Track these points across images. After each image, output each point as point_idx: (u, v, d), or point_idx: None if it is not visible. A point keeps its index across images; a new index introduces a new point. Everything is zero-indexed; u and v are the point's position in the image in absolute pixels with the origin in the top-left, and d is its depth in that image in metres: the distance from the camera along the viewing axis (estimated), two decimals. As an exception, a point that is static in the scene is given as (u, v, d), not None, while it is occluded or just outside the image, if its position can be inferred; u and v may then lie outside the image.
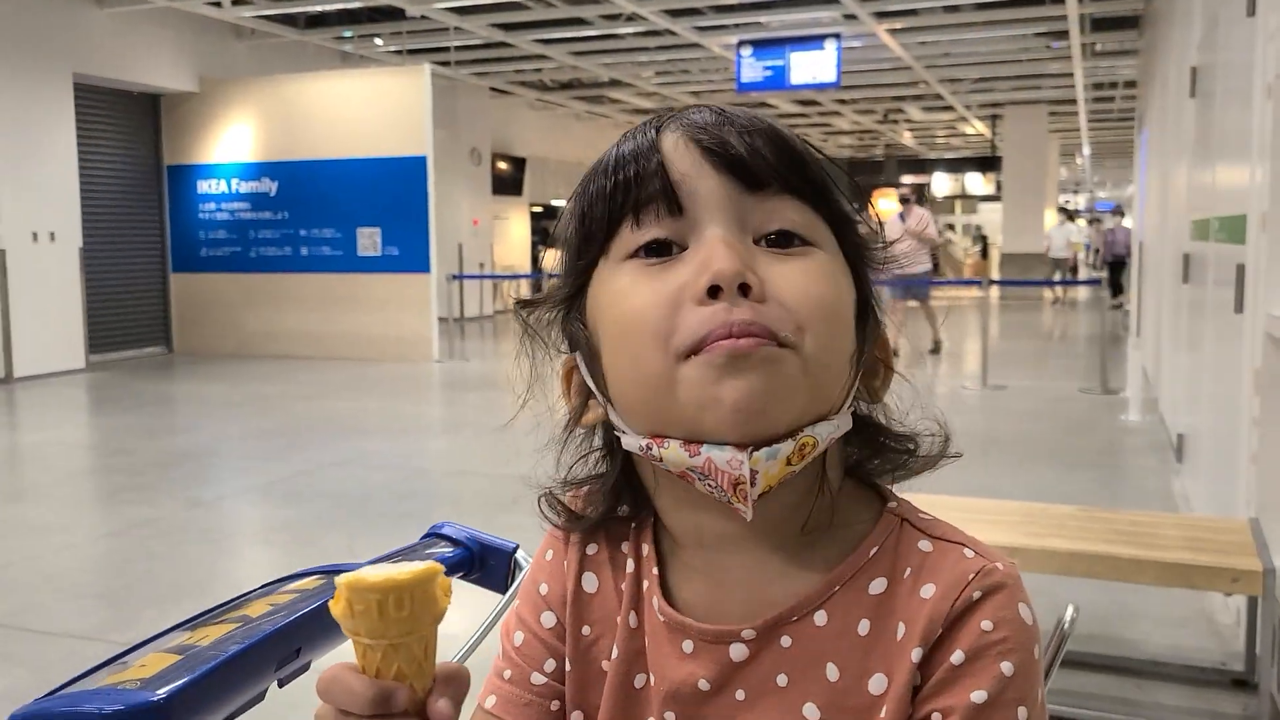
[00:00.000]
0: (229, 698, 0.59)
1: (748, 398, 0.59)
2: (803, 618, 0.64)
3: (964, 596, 0.62)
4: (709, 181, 0.63)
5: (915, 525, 0.67)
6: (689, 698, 0.66)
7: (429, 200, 11.65)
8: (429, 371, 11.00)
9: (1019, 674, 0.60)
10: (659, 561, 0.70)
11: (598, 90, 17.60)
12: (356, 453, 6.70)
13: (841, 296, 0.65)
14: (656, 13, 11.32)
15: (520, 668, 0.73)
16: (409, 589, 0.55)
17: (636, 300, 0.62)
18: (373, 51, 14.05)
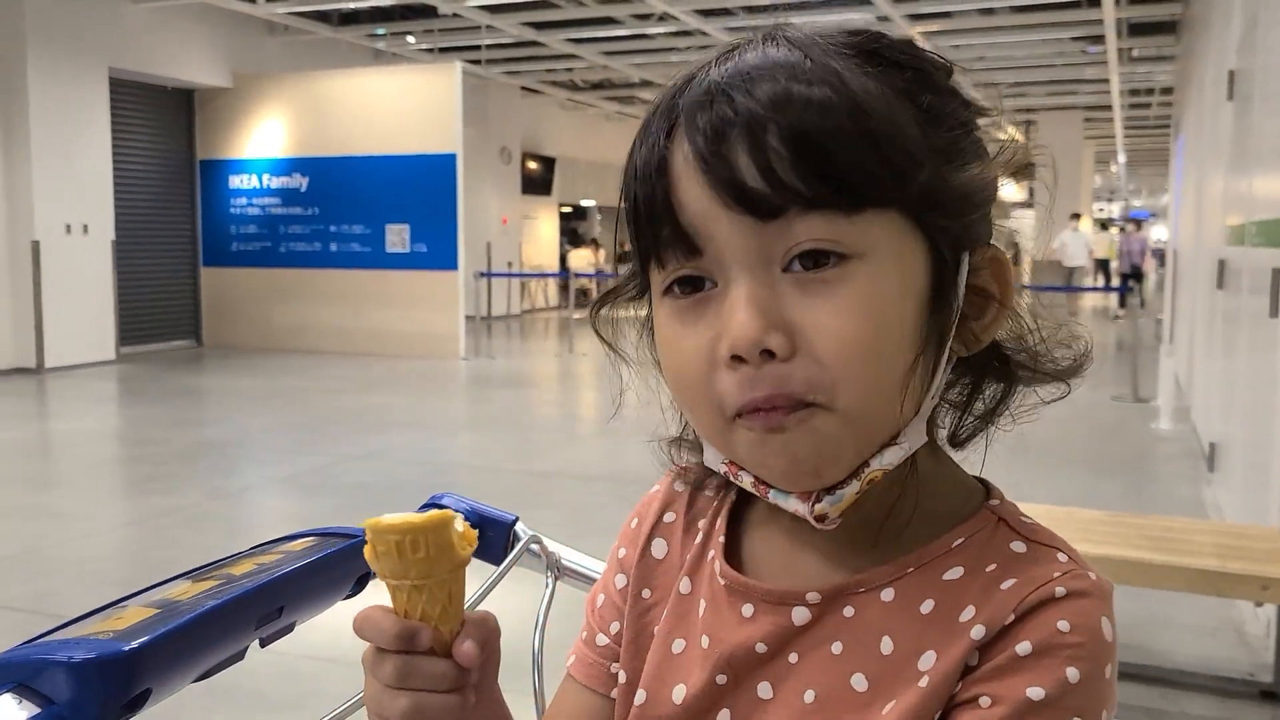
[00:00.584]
0: (205, 653, 0.58)
1: (793, 465, 0.60)
2: (870, 590, 0.63)
3: (1044, 590, 0.59)
4: (721, 223, 0.58)
5: (1012, 525, 0.64)
6: (743, 660, 0.65)
7: (458, 198, 11.68)
8: (455, 369, 11.02)
9: (1084, 685, 0.56)
10: (730, 529, 0.71)
11: (628, 90, 17.60)
12: (381, 447, 6.72)
13: (890, 318, 0.59)
14: (688, 12, 11.30)
15: (592, 629, 0.75)
16: (423, 532, 0.59)
17: (680, 356, 0.62)
18: (404, 49, 14.12)
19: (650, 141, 0.62)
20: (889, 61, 0.61)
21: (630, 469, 6.11)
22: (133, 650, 0.53)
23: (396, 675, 0.61)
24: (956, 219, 0.60)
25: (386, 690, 0.61)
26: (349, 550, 0.69)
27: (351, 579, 0.70)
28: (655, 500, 0.76)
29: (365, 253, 12.25)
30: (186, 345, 12.91)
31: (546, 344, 14.38)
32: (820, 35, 0.62)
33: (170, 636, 0.55)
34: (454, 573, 0.61)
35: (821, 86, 0.58)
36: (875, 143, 0.57)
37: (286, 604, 0.63)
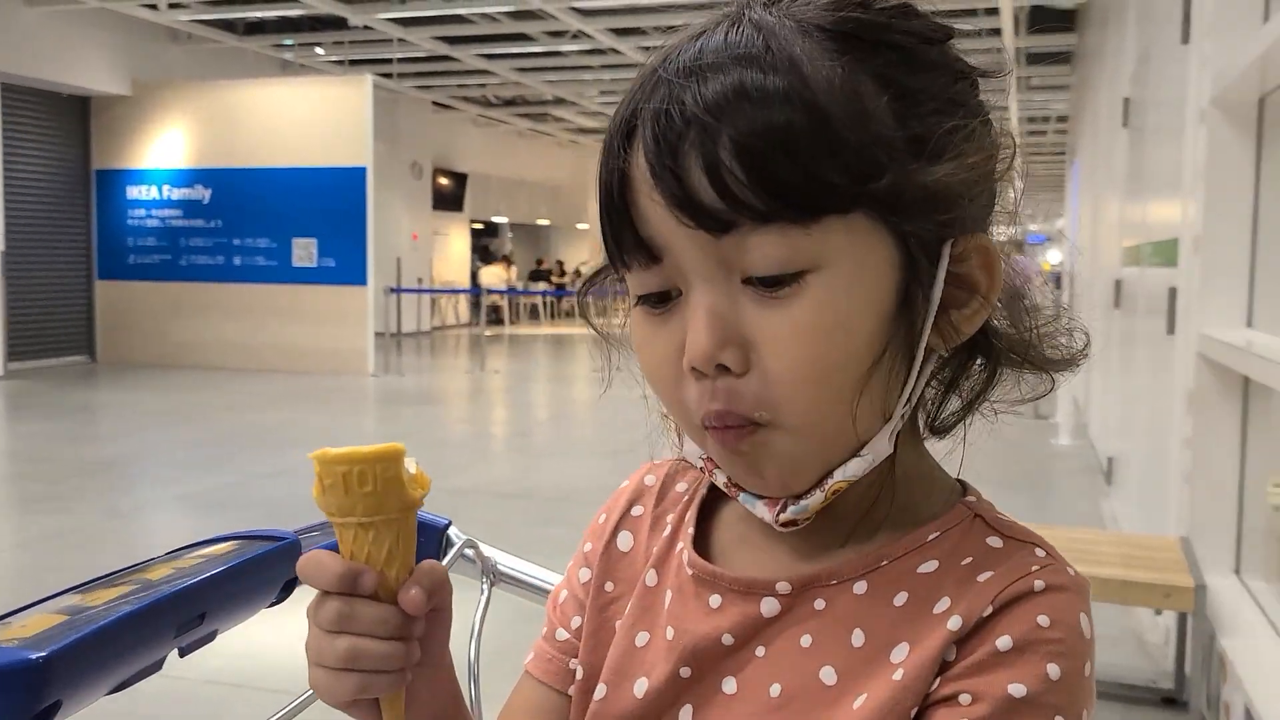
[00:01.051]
0: (119, 662, 0.54)
1: (757, 478, 0.61)
2: (842, 583, 0.61)
3: (1023, 583, 0.57)
4: (677, 236, 0.57)
5: (988, 521, 0.62)
6: (708, 653, 0.63)
7: (368, 213, 11.49)
8: (364, 385, 10.82)
9: (1065, 682, 0.55)
10: (700, 523, 0.69)
11: (541, 108, 17.58)
12: (287, 464, 6.54)
13: (844, 333, 0.57)
14: (601, 31, 11.34)
15: (552, 624, 0.73)
16: (371, 463, 0.57)
17: (651, 360, 0.61)
18: (313, 61, 13.89)
19: (611, 144, 0.59)
20: (866, 41, 0.57)
21: (545, 485, 6.05)
22: (41, 659, 0.48)
23: (337, 618, 0.58)
24: (930, 217, 0.57)
25: (325, 635, 0.58)
26: (276, 553, 0.65)
27: (278, 584, 0.66)
28: (624, 494, 0.75)
29: (271, 267, 11.97)
30: (80, 361, 12.43)
31: (458, 361, 14.22)
32: (793, 12, 0.58)
33: (82, 644, 0.50)
34: (403, 514, 0.59)
35: (776, 79, 0.55)
36: (833, 148, 0.54)
37: (209, 610, 0.59)
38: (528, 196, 22.09)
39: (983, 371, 0.65)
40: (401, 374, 11.67)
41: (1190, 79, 3.11)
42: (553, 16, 10.75)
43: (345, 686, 0.58)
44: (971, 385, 0.65)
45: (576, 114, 17.93)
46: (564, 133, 20.59)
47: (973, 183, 0.58)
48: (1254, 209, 2.86)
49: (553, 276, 22.81)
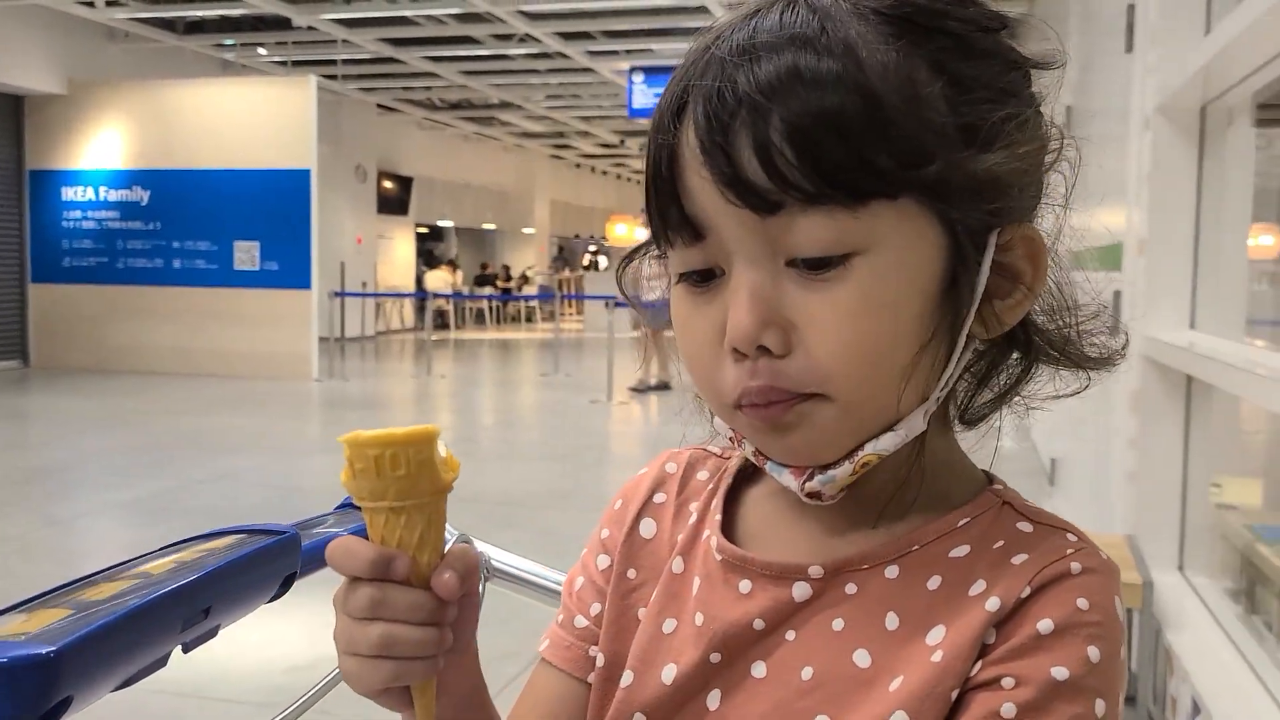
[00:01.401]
0: (128, 658, 0.52)
1: (791, 453, 0.60)
2: (874, 567, 0.61)
3: (1059, 565, 0.57)
4: (723, 215, 0.56)
5: (1017, 508, 0.62)
6: (739, 638, 0.63)
7: (312, 215, 11.35)
8: (307, 390, 10.67)
9: (1104, 665, 0.55)
10: (726, 510, 0.69)
11: (487, 111, 17.49)
12: (228, 470, 6.43)
13: (890, 316, 0.57)
14: (549, 35, 11.32)
15: (570, 612, 0.72)
16: (403, 446, 0.57)
17: (690, 338, 0.61)
18: (255, 61, 13.68)
19: (662, 119, 0.59)
20: (922, 27, 0.57)
21: (494, 489, 6.02)
22: (53, 653, 0.46)
23: (369, 604, 0.57)
24: (978, 205, 0.57)
25: (357, 623, 0.57)
26: (276, 547, 0.64)
27: (278, 579, 0.65)
28: (644, 481, 0.74)
29: (211, 270, 11.77)
30: (12, 366, 12.11)
31: (403, 366, 14.08)
32: None
33: (92, 638, 0.49)
34: (435, 497, 0.58)
35: (830, 62, 0.54)
36: (884, 132, 0.54)
37: (213, 605, 0.57)
38: (473, 200, 21.96)
39: (1018, 365, 0.65)
40: (346, 379, 11.53)
41: (1134, 87, 3.18)
42: (500, 20, 10.71)
43: (379, 675, 0.57)
44: (1005, 379, 0.65)
45: (523, 118, 17.87)
46: (510, 137, 20.51)
47: (1022, 173, 0.58)
48: (1196, 214, 2.93)
49: (499, 281, 22.70)
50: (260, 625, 3.86)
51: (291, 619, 3.78)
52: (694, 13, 10.29)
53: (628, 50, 12.52)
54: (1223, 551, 2.93)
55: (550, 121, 18.22)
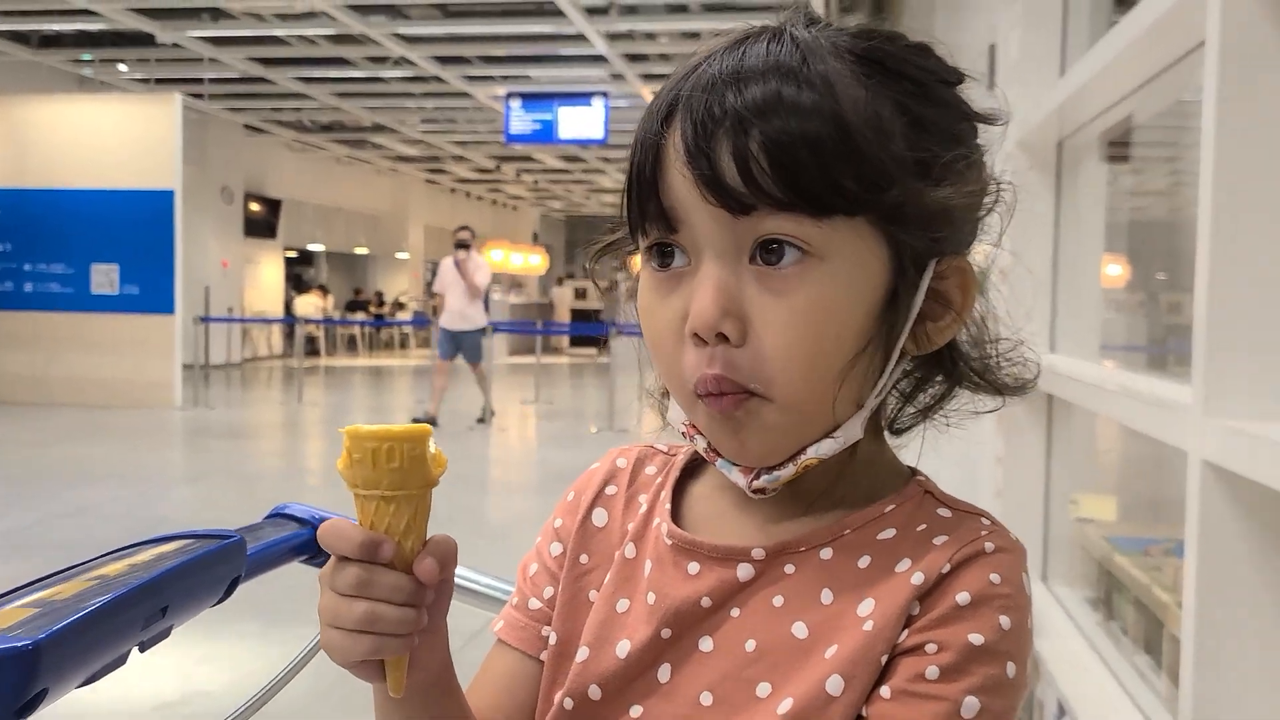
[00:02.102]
0: (96, 654, 0.52)
1: (740, 449, 0.66)
2: (810, 550, 0.68)
3: (975, 545, 0.65)
4: (698, 211, 0.63)
5: (937, 497, 0.70)
6: (688, 614, 0.68)
7: (175, 238, 10.97)
8: (170, 419, 10.29)
9: (1014, 632, 0.63)
10: (674, 500, 0.74)
11: (360, 134, 17.23)
12: (90, 502, 6.15)
13: (836, 322, 0.63)
14: (425, 59, 11.25)
15: (524, 595, 0.77)
16: (399, 441, 0.61)
17: (654, 325, 0.67)
18: (115, 78, 13.20)
19: (651, 121, 0.65)
20: (890, 70, 0.64)
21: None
22: (30, 646, 0.47)
23: (356, 583, 0.61)
24: (924, 232, 0.64)
25: (343, 599, 0.62)
26: (223, 551, 0.65)
27: (225, 582, 0.65)
28: (597, 475, 0.80)
29: (66, 294, 11.25)
30: None
31: (271, 393, 13.69)
32: (829, 35, 0.64)
33: (68, 632, 0.49)
34: (423, 490, 0.63)
35: (810, 93, 0.61)
36: (851, 157, 0.61)
37: (169, 604, 0.58)
38: (345, 224, 21.56)
39: (943, 385, 0.72)
40: (211, 407, 11.15)
41: (995, 126, 3.36)
42: (375, 42, 10.60)
43: (360, 647, 0.62)
44: (930, 396, 0.72)
45: (397, 141, 17.67)
46: (384, 160, 20.24)
47: (965, 209, 0.66)
48: (1054, 241, 3.11)
49: (371, 306, 22.29)
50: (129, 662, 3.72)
51: (163, 655, 3.64)
52: (572, 40, 10.39)
53: (504, 76, 12.53)
54: (1082, 563, 3.10)
55: (425, 145, 18.06)
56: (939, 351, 0.70)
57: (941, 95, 0.67)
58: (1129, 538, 2.86)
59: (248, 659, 3.72)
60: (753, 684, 0.65)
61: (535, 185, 23.81)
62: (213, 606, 0.66)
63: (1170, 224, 2.88)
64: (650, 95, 5.12)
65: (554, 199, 27.94)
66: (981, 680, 0.61)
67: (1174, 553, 2.38)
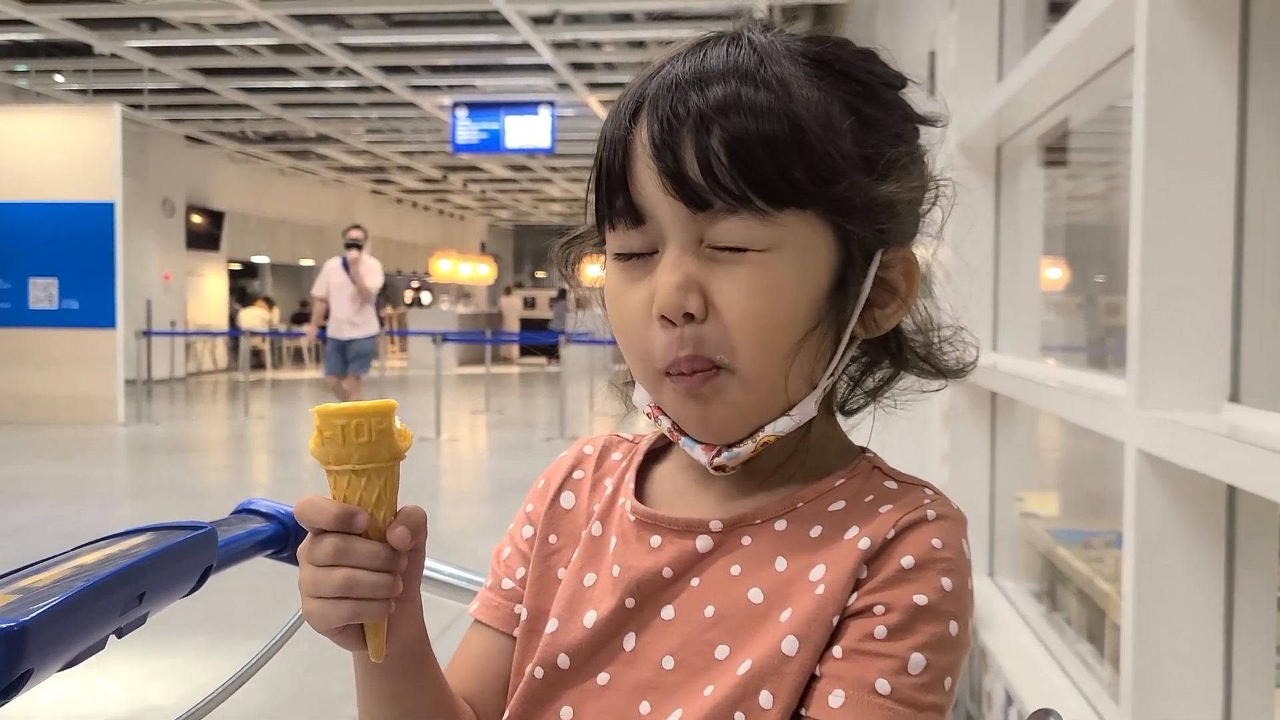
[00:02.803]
0: (78, 637, 0.53)
1: (704, 424, 0.71)
2: (765, 522, 0.72)
3: (918, 512, 0.69)
4: (662, 206, 0.67)
5: (884, 470, 0.74)
6: (650, 584, 0.72)
7: (116, 251, 10.79)
8: (113, 435, 10.11)
9: (955, 593, 0.67)
10: (638, 482, 0.79)
11: (304, 145, 17.07)
12: (28, 521, 6.03)
13: (787, 300, 0.67)
14: (369, 68, 11.18)
15: (498, 576, 0.82)
16: (367, 417, 0.65)
17: (622, 310, 0.71)
18: (52, 89, 12.96)
19: (619, 119, 0.69)
20: (839, 73, 0.69)
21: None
22: (16, 626, 0.48)
23: (334, 553, 0.65)
24: (870, 224, 0.69)
25: (322, 569, 0.65)
26: (197, 540, 0.66)
27: (198, 571, 0.67)
28: (565, 461, 0.85)
29: (3, 309, 11.01)
30: None
31: (216, 407, 13.51)
32: (783, 40, 0.69)
33: (56, 613, 0.50)
34: (391, 463, 0.66)
35: (767, 94, 0.66)
36: (803, 153, 0.66)
37: (146, 591, 0.59)
38: (290, 236, 21.32)
39: (889, 370, 0.77)
40: (155, 422, 10.98)
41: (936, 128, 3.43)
42: (318, 52, 10.52)
43: (339, 613, 0.65)
44: (877, 380, 0.77)
45: (342, 152, 17.53)
46: (328, 171, 20.06)
47: (908, 203, 0.71)
48: (995, 244, 3.19)
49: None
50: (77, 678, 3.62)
51: (113, 671, 3.59)
52: (518, 50, 10.39)
53: (450, 85, 12.49)
54: (1027, 556, 3.17)
55: (370, 156, 17.94)
56: (885, 337, 0.74)
57: (886, 97, 0.72)
58: (1071, 530, 2.94)
59: (199, 673, 3.68)
60: (712, 647, 0.69)
61: (482, 195, 23.73)
62: (185, 596, 0.67)
63: (1108, 227, 2.97)
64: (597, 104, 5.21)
65: (501, 208, 27.86)
66: (926, 638, 0.65)
67: (1114, 544, 2.46)
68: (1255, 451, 1.30)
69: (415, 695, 0.73)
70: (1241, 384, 1.61)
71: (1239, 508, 1.60)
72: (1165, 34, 1.58)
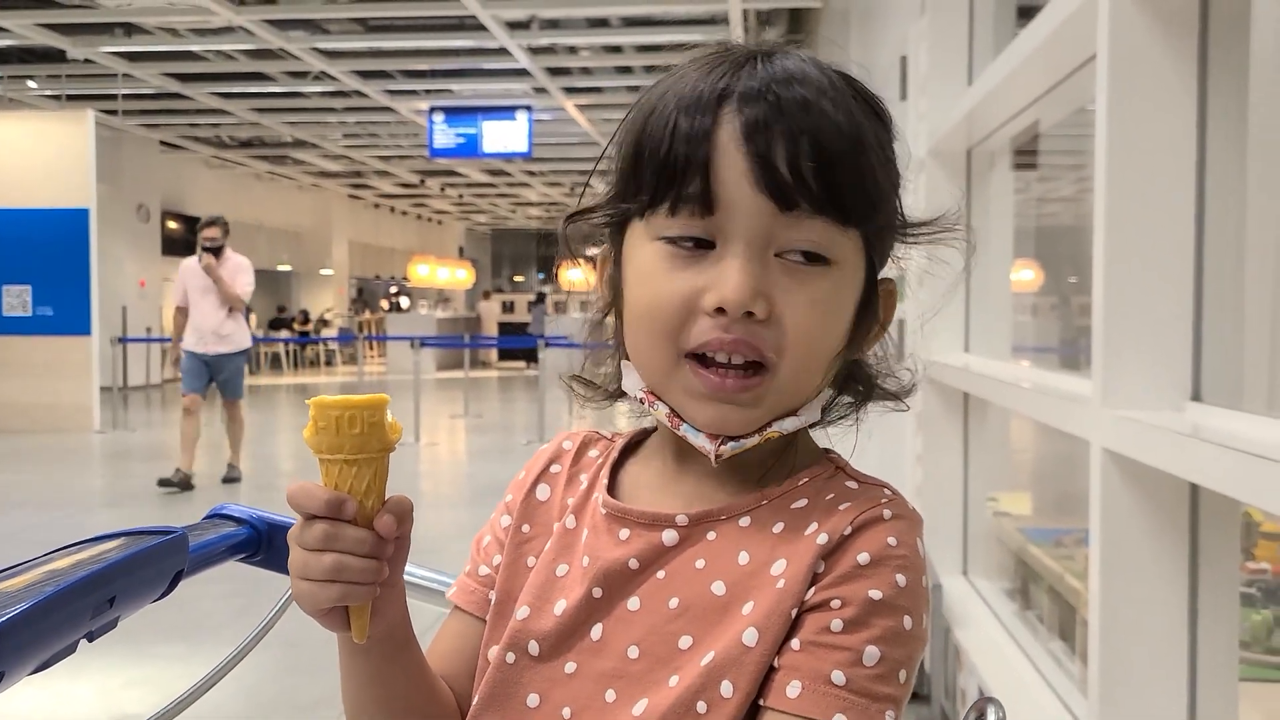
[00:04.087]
0: (51, 640, 0.54)
1: (718, 422, 0.72)
2: (730, 518, 0.75)
3: (875, 511, 0.72)
4: (747, 200, 0.69)
5: (847, 471, 0.77)
6: (617, 575, 0.75)
7: (91, 257, 10.72)
8: (89, 443, 10.03)
9: (909, 589, 0.70)
10: (612, 478, 0.81)
11: (281, 150, 17.00)
12: (7, 530, 5.99)
13: (839, 318, 0.72)
14: (346, 73, 11.16)
15: (475, 563, 0.85)
16: (360, 409, 0.67)
17: (661, 291, 0.71)
18: (25, 95, 12.85)
19: (701, 106, 0.70)
20: (872, 107, 0.74)
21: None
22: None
23: (323, 537, 0.68)
24: (887, 253, 0.76)
25: (311, 553, 0.68)
26: (168, 545, 0.67)
27: (169, 576, 0.68)
28: (544, 455, 0.88)
29: (-24, 317, 10.92)
30: None
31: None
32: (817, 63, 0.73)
33: (30, 616, 0.51)
34: (381, 454, 0.69)
35: (842, 114, 0.70)
36: (865, 176, 0.71)
37: (117, 595, 0.60)
38: (267, 241, 21.21)
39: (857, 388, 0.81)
40: (132, 430, 10.89)
41: (908, 132, 3.47)
42: (294, 56, 10.49)
43: (328, 594, 0.68)
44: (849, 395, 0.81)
45: (319, 156, 17.46)
46: (305, 176, 19.98)
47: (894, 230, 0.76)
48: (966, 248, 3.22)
49: (295, 324, 21.96)
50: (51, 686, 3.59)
51: (85, 679, 3.58)
52: (495, 55, 10.39)
53: (427, 90, 12.47)
54: (1000, 555, 3.20)
55: (348, 161, 17.88)
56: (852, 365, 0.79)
57: (893, 131, 0.77)
58: (1042, 529, 2.97)
59: (173, 680, 3.66)
60: (676, 637, 0.72)
61: (460, 199, 23.69)
62: (157, 600, 0.68)
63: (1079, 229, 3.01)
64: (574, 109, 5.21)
65: (479, 213, 27.82)
66: (881, 632, 0.68)
67: (1085, 542, 2.49)
68: (1217, 450, 1.33)
69: (398, 676, 0.75)
70: (1203, 383, 1.64)
71: (1202, 505, 1.63)
72: (1126, 38, 1.61)
